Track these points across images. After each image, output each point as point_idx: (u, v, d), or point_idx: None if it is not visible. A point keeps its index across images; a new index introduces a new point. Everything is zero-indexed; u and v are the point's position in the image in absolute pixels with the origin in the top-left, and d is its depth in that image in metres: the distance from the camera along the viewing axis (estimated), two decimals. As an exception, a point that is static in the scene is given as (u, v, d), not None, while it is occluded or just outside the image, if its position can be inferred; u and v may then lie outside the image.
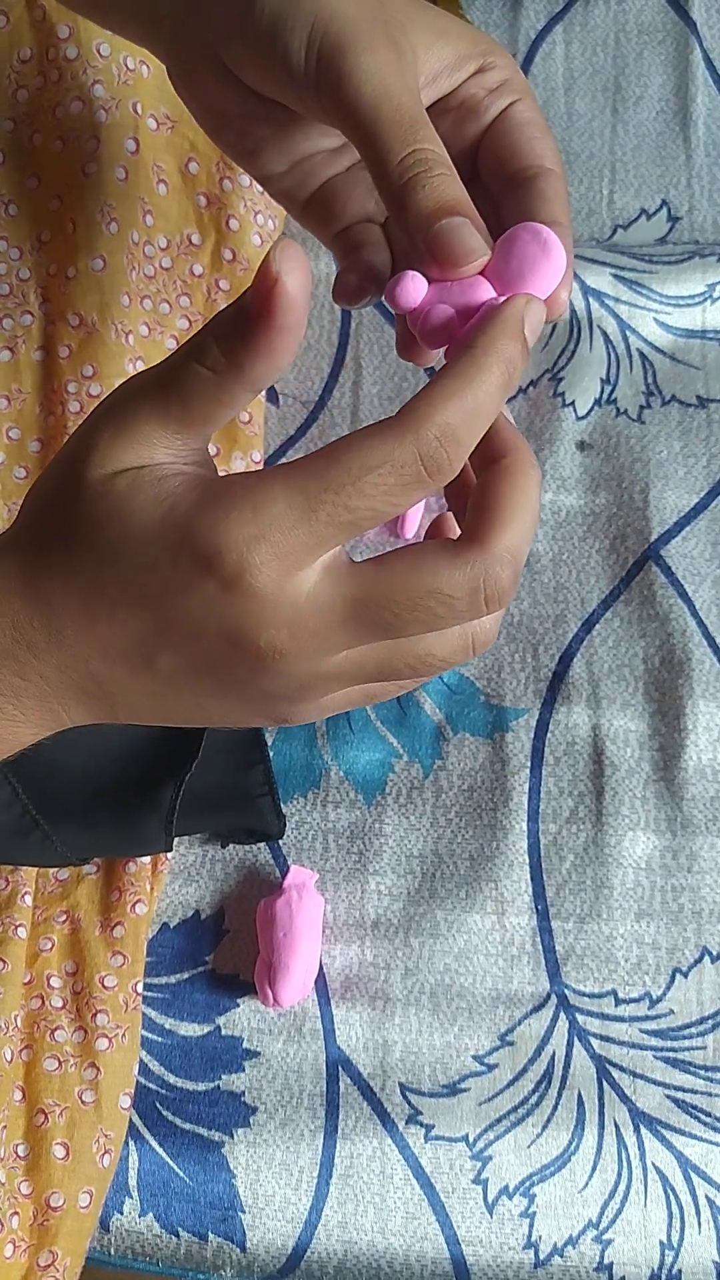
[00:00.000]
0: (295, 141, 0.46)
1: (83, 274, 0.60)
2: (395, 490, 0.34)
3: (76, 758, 0.56)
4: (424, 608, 0.35)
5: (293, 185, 0.47)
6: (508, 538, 0.35)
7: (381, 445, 0.33)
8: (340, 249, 0.47)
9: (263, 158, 0.47)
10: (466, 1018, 0.59)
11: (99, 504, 0.35)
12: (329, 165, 0.47)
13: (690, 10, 0.73)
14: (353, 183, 0.47)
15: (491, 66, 0.43)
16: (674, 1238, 0.56)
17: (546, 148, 0.43)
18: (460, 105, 0.43)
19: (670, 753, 0.62)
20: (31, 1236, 0.53)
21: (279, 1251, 0.57)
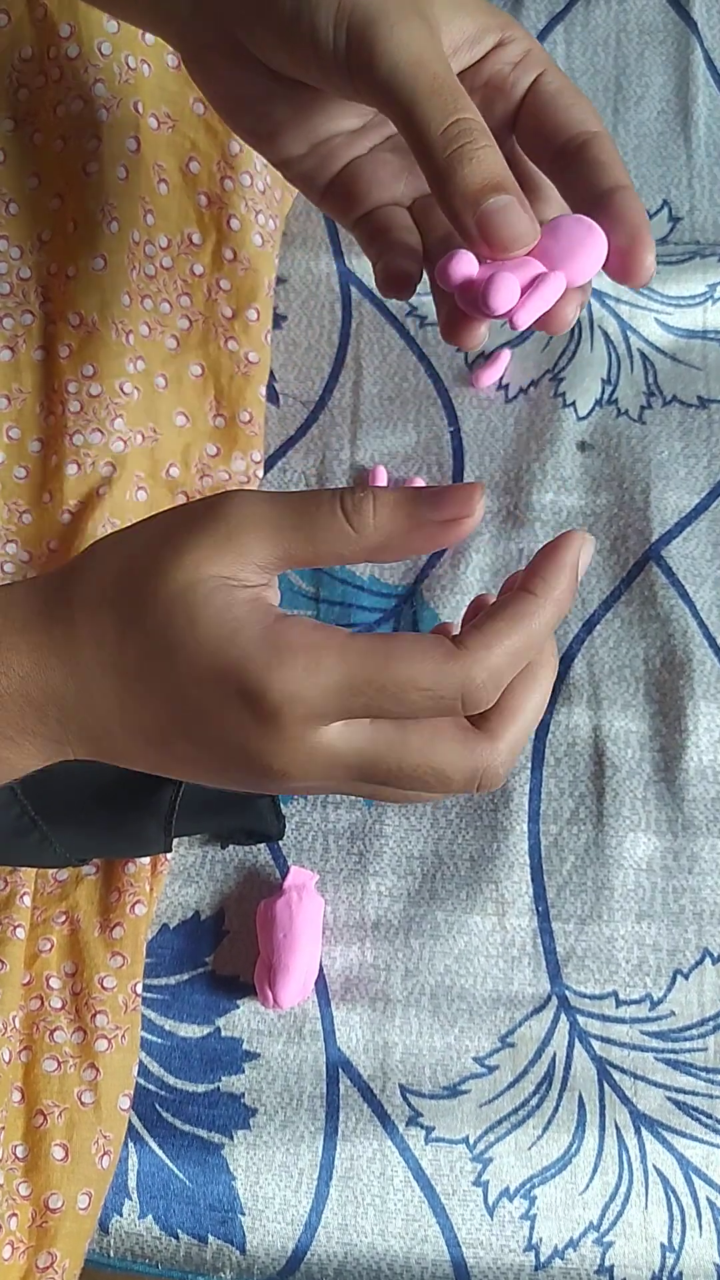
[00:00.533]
0: (315, 123, 0.45)
1: (83, 273, 0.60)
2: (429, 710, 0.37)
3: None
4: (422, 780, 0.38)
5: (312, 168, 0.47)
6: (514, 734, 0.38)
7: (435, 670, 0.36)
8: (364, 233, 0.47)
9: (281, 141, 0.46)
10: (467, 1019, 0.59)
11: (175, 603, 0.36)
12: (349, 147, 0.47)
13: (691, 10, 0.73)
14: (375, 165, 0.47)
15: (511, 40, 0.43)
16: (675, 1240, 0.56)
17: (585, 112, 0.42)
18: (486, 84, 0.43)
19: (671, 754, 0.61)
20: (30, 1238, 0.52)
21: (279, 1254, 0.56)
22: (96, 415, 0.58)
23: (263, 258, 0.64)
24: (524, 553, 0.65)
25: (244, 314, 0.63)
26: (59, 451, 0.59)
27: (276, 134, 0.46)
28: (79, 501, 0.58)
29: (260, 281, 0.63)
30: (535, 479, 0.65)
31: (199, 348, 0.63)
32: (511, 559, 0.65)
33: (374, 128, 0.47)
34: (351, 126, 0.46)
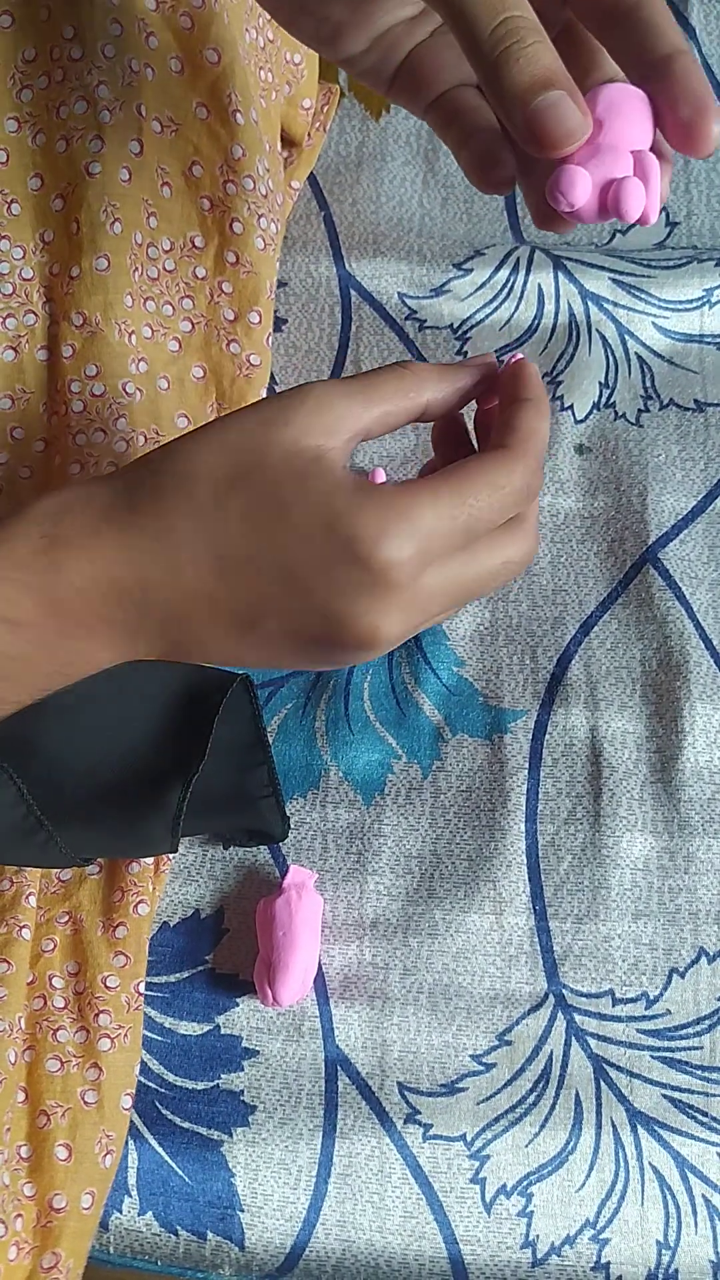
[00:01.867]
0: (373, 17, 0.45)
1: (86, 274, 0.60)
2: (511, 506, 0.42)
3: (81, 759, 0.56)
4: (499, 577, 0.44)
5: (377, 62, 0.47)
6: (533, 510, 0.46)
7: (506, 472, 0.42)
8: (437, 119, 0.46)
9: (343, 40, 0.46)
10: (465, 1017, 0.59)
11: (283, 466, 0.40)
12: (410, 35, 0.46)
13: (689, 16, 0.73)
14: (438, 49, 0.46)
15: None
16: (671, 1237, 0.57)
17: None
18: None
19: (668, 754, 0.62)
20: (35, 1238, 0.53)
21: (277, 1250, 0.57)
22: (100, 415, 0.59)
23: (264, 261, 0.64)
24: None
25: (246, 317, 0.63)
26: (62, 452, 0.59)
27: (337, 35, 0.46)
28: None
29: (262, 285, 0.64)
30: (533, 481, 0.66)
31: (201, 350, 0.63)
32: (510, 561, 0.65)
33: (431, 12, 0.46)
34: (409, 14, 0.46)
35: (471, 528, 0.41)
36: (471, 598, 0.44)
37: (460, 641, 0.64)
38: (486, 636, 0.64)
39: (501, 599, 0.65)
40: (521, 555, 0.44)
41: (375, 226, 0.70)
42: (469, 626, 0.64)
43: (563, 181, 0.39)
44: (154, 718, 0.58)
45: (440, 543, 0.40)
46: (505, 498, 0.41)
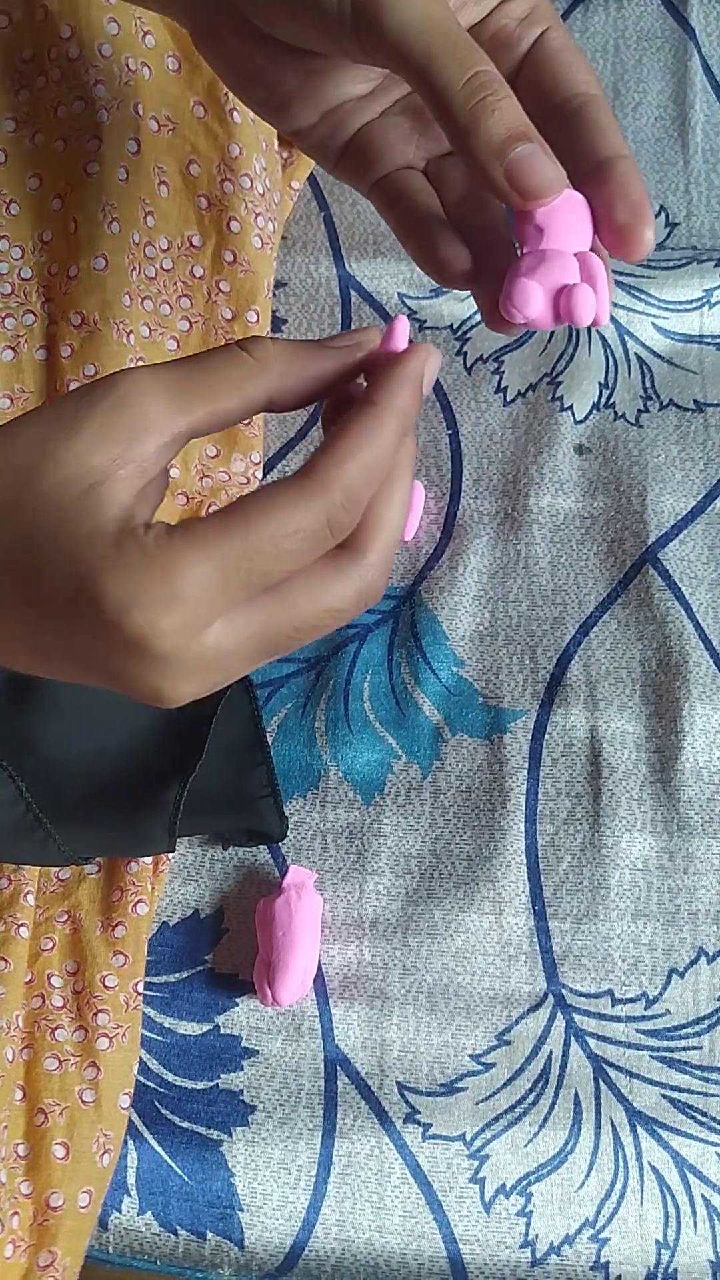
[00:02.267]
0: (325, 91, 0.45)
1: (85, 273, 0.60)
2: (305, 553, 0.36)
3: (79, 757, 0.56)
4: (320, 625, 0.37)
5: (325, 137, 0.46)
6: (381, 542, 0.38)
7: (293, 511, 0.35)
8: (381, 199, 0.46)
9: (292, 111, 0.46)
10: (464, 1017, 0.59)
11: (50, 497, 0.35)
12: (360, 113, 0.46)
13: (689, 17, 0.73)
14: (386, 128, 0.46)
15: None
16: (670, 1237, 0.57)
17: (586, 72, 0.42)
18: (491, 39, 0.43)
19: (667, 755, 0.62)
20: (31, 1236, 0.53)
21: (277, 1250, 0.57)
22: None
23: (262, 260, 0.64)
24: (522, 555, 0.65)
25: (243, 316, 0.63)
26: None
27: (287, 105, 0.45)
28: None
29: (259, 284, 0.64)
30: (533, 482, 0.66)
31: (198, 349, 0.63)
32: (510, 561, 0.65)
33: (383, 91, 0.46)
34: (361, 91, 0.46)
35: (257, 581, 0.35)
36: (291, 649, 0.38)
37: (460, 641, 0.64)
38: (486, 636, 0.64)
39: (501, 599, 0.65)
40: (350, 601, 0.37)
41: (375, 227, 0.70)
42: (468, 626, 0.64)
43: (515, 296, 0.39)
44: (152, 717, 0.58)
45: (215, 602, 0.35)
46: (297, 543, 0.35)
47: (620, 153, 0.41)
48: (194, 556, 0.34)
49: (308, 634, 0.37)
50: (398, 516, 0.38)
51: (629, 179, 0.40)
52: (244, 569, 0.34)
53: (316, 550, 0.36)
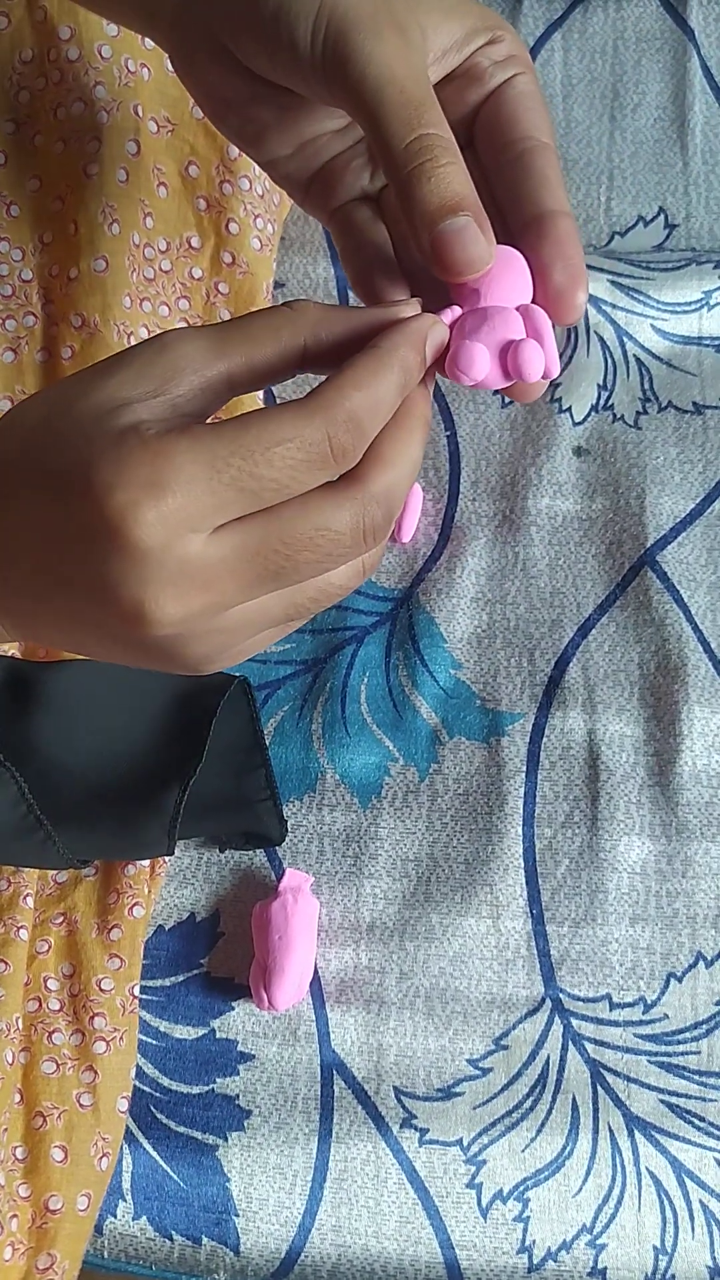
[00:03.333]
0: (300, 124, 0.45)
1: (85, 275, 0.60)
2: (300, 467, 0.35)
3: (78, 759, 0.56)
4: (314, 546, 0.36)
5: (297, 168, 0.47)
6: (386, 479, 0.37)
7: (294, 420, 0.34)
8: (336, 227, 0.46)
9: (267, 142, 0.46)
10: (461, 1021, 0.59)
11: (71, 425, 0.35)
12: (331, 146, 0.46)
13: (688, 18, 0.73)
14: (349, 159, 0.46)
15: (500, 40, 0.43)
16: (667, 1243, 0.56)
17: (541, 121, 0.42)
18: (465, 73, 0.43)
19: (665, 758, 0.62)
20: (30, 1239, 0.53)
21: (273, 1255, 0.57)
22: None
23: (261, 262, 0.64)
24: (520, 557, 0.65)
25: (242, 317, 0.63)
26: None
27: (262, 136, 0.46)
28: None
29: (258, 285, 0.63)
30: (531, 484, 0.66)
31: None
32: (508, 563, 0.65)
33: (355, 126, 0.46)
34: (336, 126, 0.46)
35: (248, 486, 0.34)
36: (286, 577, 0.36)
37: (458, 644, 0.64)
38: (484, 639, 0.64)
39: (499, 601, 0.64)
40: (347, 526, 0.36)
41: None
42: (466, 629, 0.64)
43: (461, 360, 0.39)
44: (152, 719, 0.58)
45: (202, 499, 0.33)
46: (293, 452, 0.34)
47: (562, 209, 0.41)
48: (185, 446, 0.33)
49: (301, 554, 0.36)
50: (407, 463, 0.38)
51: (568, 239, 0.40)
52: (235, 467, 0.34)
53: (313, 468, 0.35)
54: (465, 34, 0.42)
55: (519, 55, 0.43)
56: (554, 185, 0.41)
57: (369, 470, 0.37)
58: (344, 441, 0.35)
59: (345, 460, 0.36)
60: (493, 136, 0.43)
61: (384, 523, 0.37)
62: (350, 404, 0.35)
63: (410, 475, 0.38)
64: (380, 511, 0.37)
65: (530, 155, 0.41)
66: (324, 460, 0.35)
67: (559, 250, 0.40)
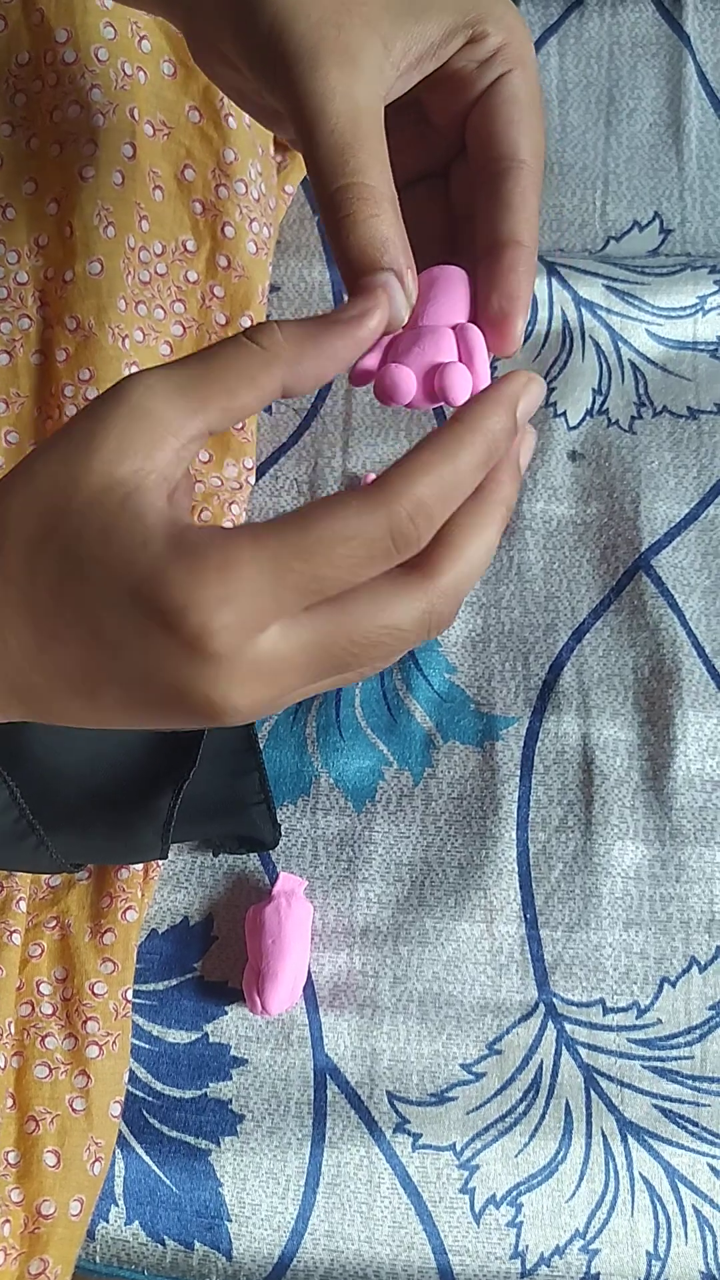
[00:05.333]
0: None
1: (80, 277, 0.60)
2: (364, 563, 0.34)
3: (73, 764, 0.56)
4: (380, 644, 0.35)
5: None
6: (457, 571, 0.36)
7: (355, 517, 0.33)
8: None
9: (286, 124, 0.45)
10: (455, 1026, 0.59)
11: (88, 513, 0.34)
12: None
13: (684, 23, 0.73)
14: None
15: (483, 35, 0.40)
16: (661, 1248, 0.56)
17: (524, 134, 0.41)
18: (450, 78, 0.41)
19: (659, 762, 0.62)
20: (22, 1244, 0.52)
21: (265, 1260, 0.56)
22: None
23: (256, 265, 0.64)
24: (515, 562, 0.65)
25: (237, 321, 0.63)
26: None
27: (280, 121, 0.44)
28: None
29: (254, 289, 0.63)
30: (526, 488, 0.66)
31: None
32: (503, 568, 0.65)
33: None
34: None
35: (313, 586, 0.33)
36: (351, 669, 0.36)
37: (452, 648, 0.64)
38: (478, 643, 0.64)
39: (494, 605, 0.64)
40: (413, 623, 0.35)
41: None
42: (461, 633, 0.64)
43: (386, 384, 0.39)
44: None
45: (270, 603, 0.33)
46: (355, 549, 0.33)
47: (516, 238, 0.39)
48: (249, 553, 0.33)
49: (367, 652, 0.35)
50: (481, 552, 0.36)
51: (510, 270, 0.39)
52: (298, 569, 0.33)
53: (377, 562, 0.34)
54: (443, 35, 0.40)
55: (508, 46, 0.41)
56: (516, 210, 0.40)
57: (440, 561, 0.35)
58: (409, 534, 0.34)
59: (410, 550, 0.34)
60: (476, 152, 0.42)
61: (450, 616, 0.36)
62: (418, 493, 0.34)
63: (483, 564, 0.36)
64: (449, 606, 0.36)
65: (501, 179, 0.40)
66: (386, 555, 0.34)
67: (499, 280, 0.39)
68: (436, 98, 0.42)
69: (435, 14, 0.39)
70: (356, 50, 0.38)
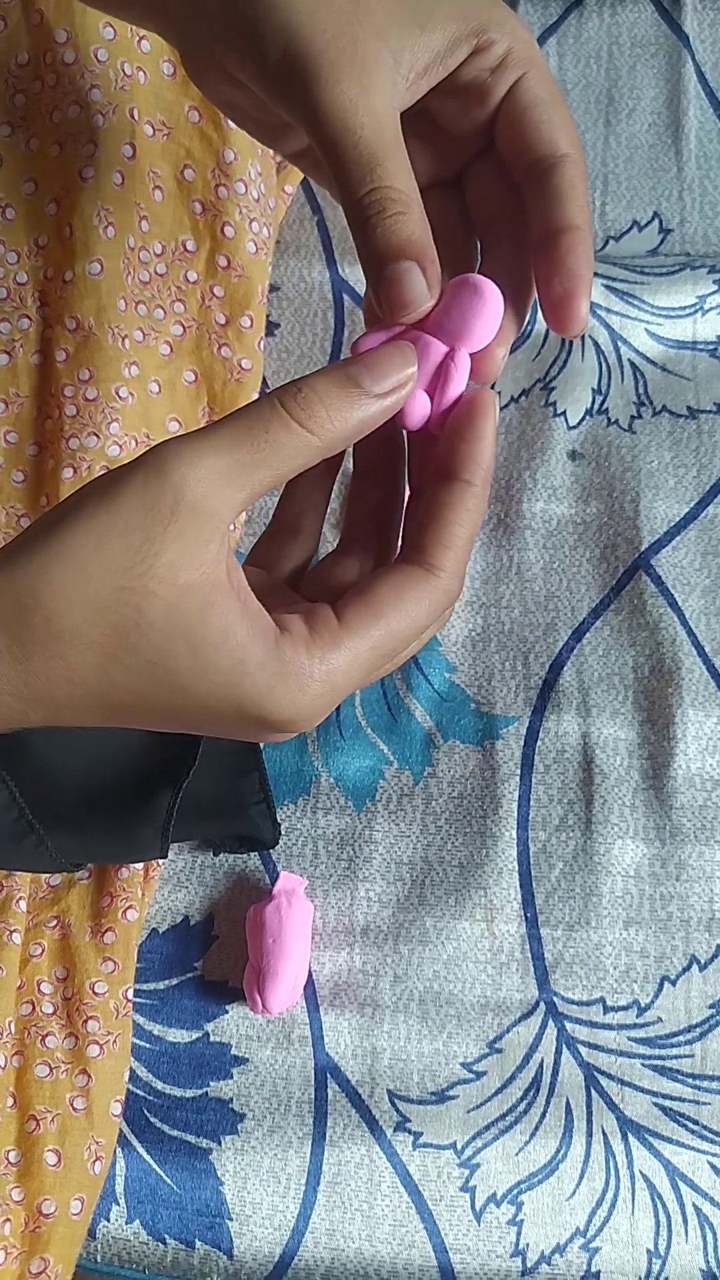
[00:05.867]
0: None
1: (80, 278, 0.60)
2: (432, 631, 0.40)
3: (73, 764, 0.56)
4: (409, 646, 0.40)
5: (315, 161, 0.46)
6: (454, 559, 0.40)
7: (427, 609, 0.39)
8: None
9: (286, 140, 0.46)
10: (455, 1025, 0.59)
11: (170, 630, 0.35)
12: None
13: (683, 23, 0.74)
14: None
15: (489, 43, 0.41)
16: (661, 1246, 0.56)
17: (556, 129, 0.41)
18: (465, 89, 0.42)
19: (659, 761, 0.62)
20: (23, 1243, 0.52)
21: (266, 1259, 0.56)
22: (93, 419, 0.59)
23: (256, 265, 0.64)
24: (515, 561, 0.65)
25: (237, 321, 0.63)
26: (55, 455, 0.59)
27: (281, 134, 0.46)
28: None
29: (254, 289, 0.63)
30: (526, 487, 0.66)
31: (192, 354, 0.63)
32: (503, 567, 0.65)
33: None
34: None
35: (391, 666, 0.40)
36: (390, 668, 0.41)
37: (452, 647, 0.64)
38: (478, 642, 0.64)
39: (494, 604, 0.64)
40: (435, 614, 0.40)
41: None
42: (461, 632, 0.64)
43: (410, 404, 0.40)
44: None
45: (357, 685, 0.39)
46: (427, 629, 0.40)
47: (573, 224, 0.40)
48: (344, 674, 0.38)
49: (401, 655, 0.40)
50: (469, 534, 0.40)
51: (573, 251, 0.40)
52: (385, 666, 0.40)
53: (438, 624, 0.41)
54: (448, 44, 0.41)
55: (515, 50, 0.41)
56: (568, 200, 0.41)
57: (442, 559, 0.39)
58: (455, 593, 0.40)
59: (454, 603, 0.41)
60: (512, 158, 0.42)
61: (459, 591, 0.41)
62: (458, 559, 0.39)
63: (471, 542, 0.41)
64: (457, 584, 0.40)
65: (547, 175, 0.41)
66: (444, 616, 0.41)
67: (561, 260, 0.40)
68: (451, 108, 0.43)
69: (439, 24, 0.40)
70: (371, 63, 0.39)
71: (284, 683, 0.37)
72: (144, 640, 0.35)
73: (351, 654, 0.38)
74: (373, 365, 0.38)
